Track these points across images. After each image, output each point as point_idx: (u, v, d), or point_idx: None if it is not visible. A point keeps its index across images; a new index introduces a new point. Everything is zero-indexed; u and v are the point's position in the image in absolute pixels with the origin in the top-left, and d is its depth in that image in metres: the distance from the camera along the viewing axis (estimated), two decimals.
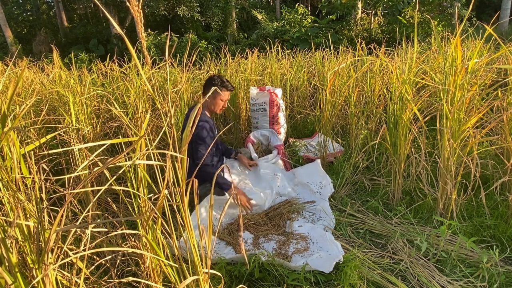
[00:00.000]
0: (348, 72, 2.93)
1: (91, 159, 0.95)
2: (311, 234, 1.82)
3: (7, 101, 0.99)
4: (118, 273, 1.50)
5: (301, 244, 1.75)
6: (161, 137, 2.74)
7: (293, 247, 1.73)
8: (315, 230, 1.85)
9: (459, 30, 1.67)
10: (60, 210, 0.82)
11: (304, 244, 1.74)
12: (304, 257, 1.63)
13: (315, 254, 1.63)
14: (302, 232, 1.87)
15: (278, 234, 1.88)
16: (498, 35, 1.83)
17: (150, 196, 1.28)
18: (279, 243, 1.78)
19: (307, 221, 1.99)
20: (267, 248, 1.73)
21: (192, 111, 0.93)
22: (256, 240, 1.84)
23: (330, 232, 1.85)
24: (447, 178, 1.83)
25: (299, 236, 1.82)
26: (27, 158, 1.07)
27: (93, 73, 3.64)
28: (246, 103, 3.64)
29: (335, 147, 2.96)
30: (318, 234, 1.80)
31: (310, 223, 1.96)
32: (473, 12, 9.77)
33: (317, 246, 1.71)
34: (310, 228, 1.89)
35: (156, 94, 3.28)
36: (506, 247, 1.70)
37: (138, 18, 0.80)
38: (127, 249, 1.02)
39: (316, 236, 1.79)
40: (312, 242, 1.76)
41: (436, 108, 2.38)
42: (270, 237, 1.85)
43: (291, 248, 1.73)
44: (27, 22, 15.37)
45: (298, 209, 2.12)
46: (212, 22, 12.17)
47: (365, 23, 10.07)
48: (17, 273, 0.94)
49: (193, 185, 0.97)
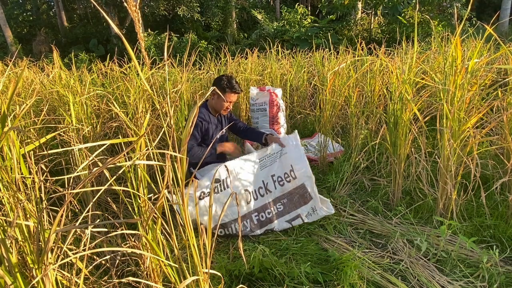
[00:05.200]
0: (348, 72, 2.93)
1: (91, 159, 0.95)
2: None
3: (7, 101, 0.98)
4: (118, 273, 1.50)
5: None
6: (161, 137, 2.74)
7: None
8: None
9: (459, 30, 1.67)
10: (60, 210, 0.82)
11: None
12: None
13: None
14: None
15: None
16: (498, 35, 1.83)
17: (150, 196, 1.28)
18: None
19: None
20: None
21: (191, 112, 0.93)
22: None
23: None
24: (447, 178, 1.83)
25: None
26: (27, 158, 1.07)
27: (93, 73, 3.65)
28: (246, 103, 3.64)
29: (335, 147, 2.96)
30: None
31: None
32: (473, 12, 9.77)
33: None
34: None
35: (156, 94, 3.29)
36: (506, 247, 1.70)
37: (136, 18, 0.80)
38: (126, 249, 1.02)
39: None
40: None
41: (436, 108, 2.39)
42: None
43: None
44: (27, 22, 15.37)
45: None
46: (212, 22, 12.17)
47: (365, 23, 10.08)
48: (17, 273, 0.94)
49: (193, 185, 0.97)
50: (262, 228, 1.96)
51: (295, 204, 2.03)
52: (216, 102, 2.26)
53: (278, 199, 2.04)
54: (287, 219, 2.00)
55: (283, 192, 2.05)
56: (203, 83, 3.85)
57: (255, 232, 1.95)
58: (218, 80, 2.25)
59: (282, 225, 1.99)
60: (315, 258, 1.69)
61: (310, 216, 2.03)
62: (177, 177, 0.98)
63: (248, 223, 1.94)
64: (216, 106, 2.27)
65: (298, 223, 2.01)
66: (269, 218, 1.98)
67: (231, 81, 2.21)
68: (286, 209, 2.02)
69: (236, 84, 2.22)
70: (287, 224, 1.99)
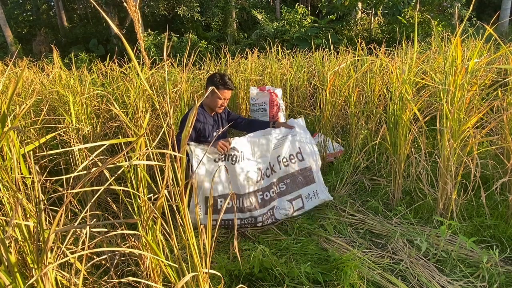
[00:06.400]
0: (348, 72, 2.92)
1: (91, 159, 0.95)
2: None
3: (7, 101, 0.98)
4: (118, 273, 1.50)
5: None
6: (161, 137, 2.74)
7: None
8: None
9: (459, 30, 1.67)
10: (59, 210, 0.82)
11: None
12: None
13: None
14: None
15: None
16: (498, 35, 1.83)
17: (150, 196, 1.28)
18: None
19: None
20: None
21: (191, 112, 0.93)
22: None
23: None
24: (447, 178, 1.83)
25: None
26: (27, 158, 1.07)
27: (93, 73, 3.64)
28: (246, 103, 3.64)
29: (335, 147, 2.95)
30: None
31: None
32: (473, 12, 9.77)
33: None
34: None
35: (156, 94, 3.29)
36: (506, 247, 1.70)
37: (136, 18, 0.80)
38: (126, 249, 1.02)
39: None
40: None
41: (436, 108, 2.38)
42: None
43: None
44: (27, 22, 15.38)
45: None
46: (212, 22, 12.16)
47: (365, 23, 10.07)
48: (16, 273, 0.94)
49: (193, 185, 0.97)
50: (265, 207, 2.01)
51: (297, 185, 2.13)
52: (210, 100, 2.26)
53: (282, 179, 2.13)
54: (289, 198, 2.09)
55: (286, 173, 2.13)
56: (203, 83, 3.84)
57: (255, 212, 1.98)
58: (211, 77, 2.26)
59: (283, 204, 2.06)
60: (315, 258, 1.69)
61: (310, 199, 2.12)
62: (177, 177, 0.98)
63: (253, 201, 2.00)
64: (211, 104, 2.27)
65: (298, 205, 2.09)
66: (272, 197, 2.05)
67: (224, 78, 2.23)
68: (289, 189, 2.11)
69: (229, 81, 2.24)
70: (288, 204, 2.07)
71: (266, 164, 2.08)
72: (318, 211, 2.18)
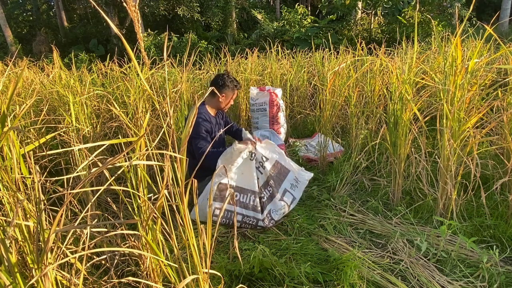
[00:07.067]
0: (348, 72, 2.93)
1: (90, 159, 0.95)
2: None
3: (7, 101, 0.98)
4: (118, 273, 1.50)
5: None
6: (161, 137, 2.74)
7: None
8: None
9: (459, 30, 1.67)
10: (59, 210, 0.82)
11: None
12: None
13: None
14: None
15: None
16: (498, 35, 1.83)
17: (150, 196, 1.28)
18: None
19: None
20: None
21: (190, 112, 0.93)
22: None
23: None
24: (447, 178, 1.83)
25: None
26: (27, 158, 1.07)
27: (93, 73, 3.64)
28: (246, 103, 3.64)
29: (335, 147, 2.96)
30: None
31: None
32: (473, 12, 9.78)
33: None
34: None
35: (156, 94, 3.29)
36: (506, 247, 1.70)
37: (136, 18, 0.80)
38: (126, 249, 1.02)
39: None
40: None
41: (436, 108, 2.38)
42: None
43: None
44: (27, 22, 15.39)
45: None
46: (212, 22, 12.17)
47: (365, 23, 10.07)
48: (16, 273, 0.94)
49: (193, 185, 0.97)
50: (264, 211, 2.04)
51: (278, 182, 2.18)
52: (223, 101, 2.30)
53: (266, 183, 2.16)
54: (279, 197, 2.12)
55: (267, 175, 2.16)
56: (203, 83, 3.85)
57: (259, 215, 2.02)
58: (222, 79, 2.26)
59: (276, 205, 2.09)
60: (315, 258, 1.69)
61: (295, 187, 2.18)
62: (176, 177, 0.98)
63: (257, 202, 2.05)
64: (222, 104, 2.32)
65: (289, 199, 2.14)
66: (265, 202, 2.09)
67: (235, 79, 2.32)
68: (275, 190, 2.15)
69: (236, 81, 2.34)
70: (280, 203, 2.09)
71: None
72: (318, 211, 2.18)
